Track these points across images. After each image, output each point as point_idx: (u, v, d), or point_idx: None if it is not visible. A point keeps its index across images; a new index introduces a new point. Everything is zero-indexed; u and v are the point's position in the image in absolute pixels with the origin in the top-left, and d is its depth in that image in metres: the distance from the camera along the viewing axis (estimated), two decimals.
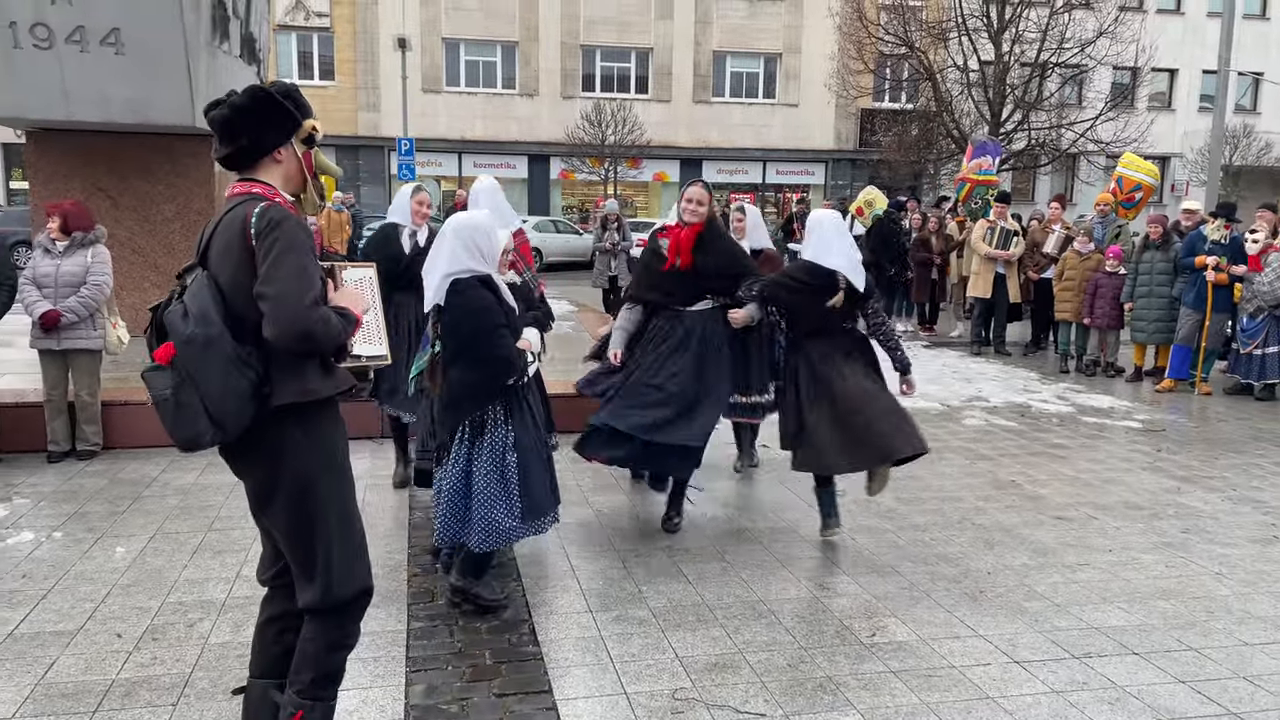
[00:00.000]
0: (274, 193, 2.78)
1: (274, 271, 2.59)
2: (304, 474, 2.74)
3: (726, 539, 5.31)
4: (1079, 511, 5.95)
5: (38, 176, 8.62)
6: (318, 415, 2.75)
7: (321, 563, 2.78)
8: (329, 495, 2.78)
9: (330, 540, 2.78)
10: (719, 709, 3.52)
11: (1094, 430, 8.22)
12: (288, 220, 2.66)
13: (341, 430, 2.87)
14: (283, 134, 2.81)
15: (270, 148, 2.79)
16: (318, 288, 2.65)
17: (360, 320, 2.82)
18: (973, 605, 4.49)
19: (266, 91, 2.78)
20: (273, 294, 2.57)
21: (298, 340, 2.59)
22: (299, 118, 2.83)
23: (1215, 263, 9.52)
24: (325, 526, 2.77)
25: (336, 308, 2.74)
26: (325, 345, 2.68)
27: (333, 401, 2.82)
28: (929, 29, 24.44)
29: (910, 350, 12.24)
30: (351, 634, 2.92)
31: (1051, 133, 23.90)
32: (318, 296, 2.63)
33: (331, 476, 2.79)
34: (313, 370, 2.72)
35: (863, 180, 28.22)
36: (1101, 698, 3.66)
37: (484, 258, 4.05)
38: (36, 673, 3.68)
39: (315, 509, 2.76)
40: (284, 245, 2.61)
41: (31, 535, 5.13)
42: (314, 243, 2.74)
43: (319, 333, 2.60)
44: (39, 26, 7.31)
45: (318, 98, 28.93)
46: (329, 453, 2.79)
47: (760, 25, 31.63)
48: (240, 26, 8.90)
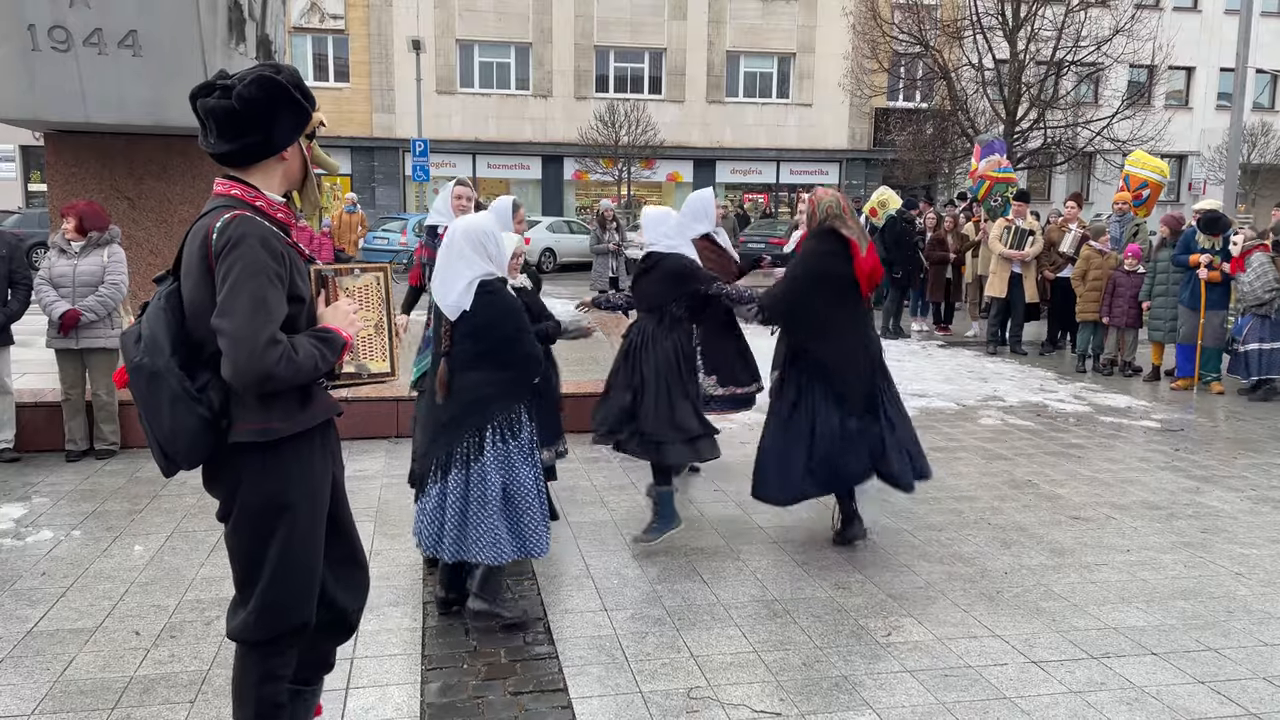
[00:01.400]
0: (254, 196, 2.53)
1: (230, 303, 2.35)
2: (256, 507, 2.53)
3: (741, 538, 5.30)
4: (1097, 511, 5.91)
5: (56, 178, 8.68)
6: (282, 450, 2.51)
7: (255, 596, 2.59)
8: (277, 534, 2.55)
9: (268, 578, 2.57)
10: (734, 708, 3.51)
11: (1111, 430, 8.17)
12: (249, 238, 2.39)
13: (321, 460, 2.63)
14: (294, 130, 2.56)
15: (282, 145, 2.55)
16: (277, 320, 2.38)
17: (349, 342, 2.57)
18: (989, 605, 4.46)
19: (279, 81, 2.49)
20: (229, 331, 2.33)
21: (256, 384, 2.37)
22: (310, 110, 2.59)
23: (1208, 260, 9.52)
24: (266, 563, 2.56)
25: (316, 333, 2.51)
26: (293, 383, 2.44)
27: (310, 433, 2.56)
28: (944, 27, 24.34)
29: (924, 349, 12.22)
30: (283, 667, 2.69)
31: (1067, 131, 23.77)
32: (275, 334, 2.36)
33: (288, 514, 2.55)
34: (282, 404, 2.48)
35: (877, 180, 28.16)
36: (1120, 698, 3.63)
37: (492, 260, 3.96)
38: (56, 669, 3.70)
39: (260, 544, 2.56)
40: (241, 271, 2.36)
41: (50, 534, 5.17)
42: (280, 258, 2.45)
43: (280, 374, 2.37)
44: (57, 29, 7.36)
45: (332, 99, 29.20)
46: (293, 490, 2.55)
47: (774, 25, 31.58)
48: (256, 28, 8.94)
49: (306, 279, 2.59)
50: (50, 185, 8.88)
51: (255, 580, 2.59)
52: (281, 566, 2.58)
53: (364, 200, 26.82)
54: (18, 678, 3.64)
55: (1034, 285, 11.83)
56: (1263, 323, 9.26)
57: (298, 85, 2.54)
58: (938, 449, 7.37)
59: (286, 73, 2.55)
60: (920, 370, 10.79)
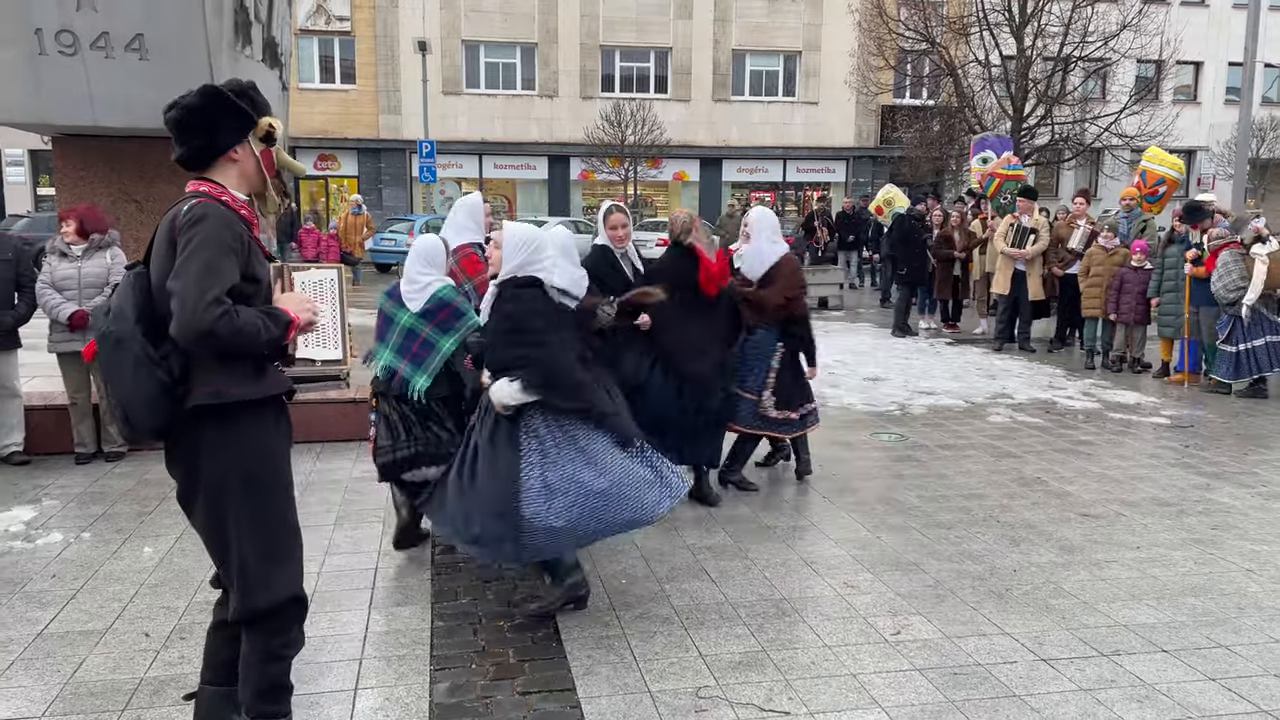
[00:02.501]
0: (221, 192, 2.73)
1: (182, 268, 2.56)
2: (218, 478, 2.68)
3: (749, 537, 5.30)
4: (1106, 508, 5.89)
5: (64, 182, 8.70)
6: (240, 418, 2.68)
7: (236, 571, 2.72)
8: (244, 502, 2.69)
9: (244, 548, 2.70)
10: (743, 707, 3.51)
11: (1121, 426, 8.13)
12: (210, 218, 2.61)
13: (277, 435, 2.78)
14: (237, 133, 2.77)
15: (225, 147, 2.76)
16: (222, 285, 2.56)
17: (296, 322, 2.72)
18: (999, 603, 4.45)
19: (218, 90, 2.74)
20: (178, 289, 2.54)
21: (197, 339, 2.54)
22: (253, 116, 2.78)
23: (1194, 256, 9.55)
24: (238, 534, 2.70)
25: (265, 309, 2.67)
26: (234, 345, 2.59)
27: (264, 404, 2.73)
28: (950, 24, 24.26)
29: (932, 347, 12.19)
30: (289, 644, 2.82)
31: (1075, 127, 23.67)
32: (219, 295, 2.54)
33: (250, 482, 2.70)
34: (235, 372, 2.65)
35: (884, 177, 28.10)
36: (1130, 695, 3.62)
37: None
38: (66, 671, 3.72)
39: (227, 515, 2.69)
40: (199, 241, 2.57)
41: (60, 536, 5.19)
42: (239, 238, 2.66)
43: (221, 331, 2.53)
44: (64, 33, 7.38)
45: (339, 101, 29.26)
46: (251, 458, 2.70)
47: (779, 23, 31.53)
48: (262, 30, 8.95)
49: (265, 267, 2.78)
50: (59, 189, 8.90)
51: (233, 558, 2.72)
52: (252, 538, 2.71)
53: (371, 202, 26.87)
54: (29, 680, 3.65)
55: (1039, 282, 11.79)
56: (1236, 322, 9.20)
57: (241, 93, 2.77)
58: (946, 446, 7.36)
59: (232, 84, 2.79)
60: (928, 368, 10.77)
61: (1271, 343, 9.15)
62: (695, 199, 31.80)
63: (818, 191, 31.81)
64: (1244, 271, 9.11)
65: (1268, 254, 9.06)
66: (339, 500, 5.79)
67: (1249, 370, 9.25)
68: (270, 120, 2.80)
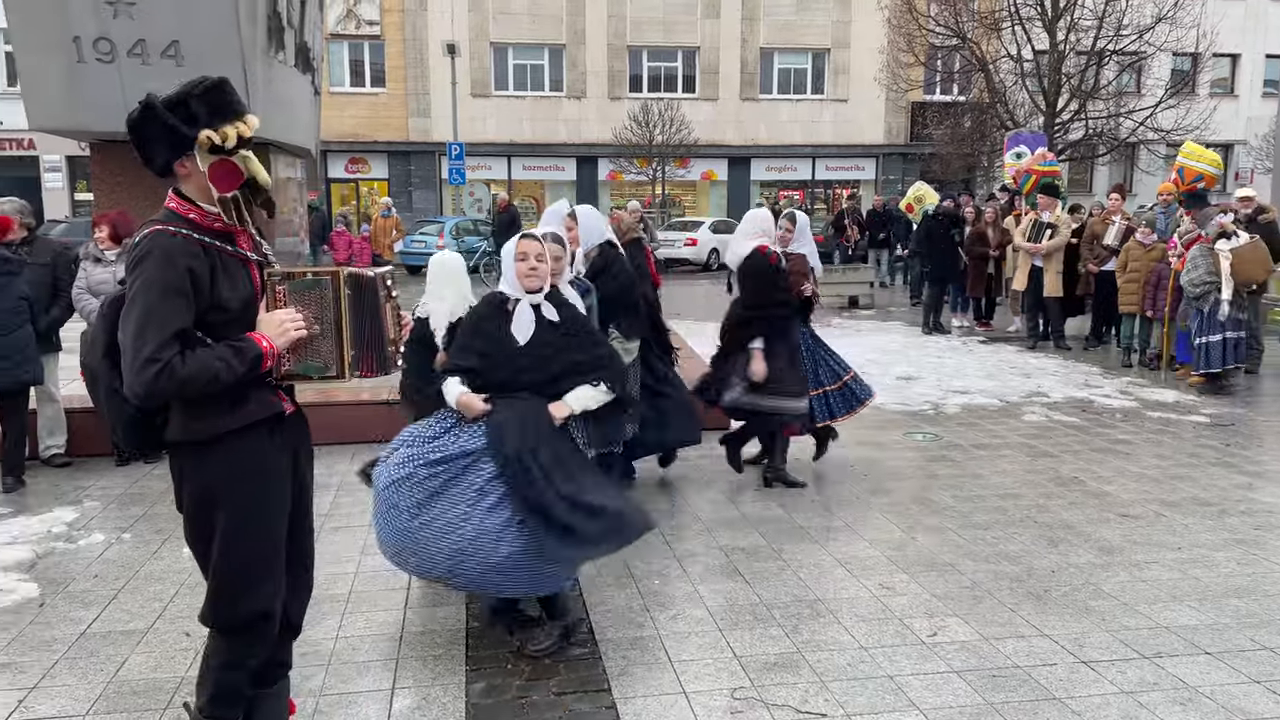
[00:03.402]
0: (188, 209, 2.63)
1: (124, 318, 2.50)
2: (197, 495, 2.69)
3: (783, 538, 5.27)
4: (1146, 508, 5.80)
5: (101, 187, 8.83)
6: (219, 445, 2.64)
7: (210, 581, 2.76)
8: (221, 524, 2.68)
9: (220, 565, 2.72)
10: (779, 708, 3.49)
11: (1159, 425, 8.02)
12: (152, 256, 2.50)
13: (265, 456, 2.71)
14: (170, 149, 2.60)
15: (161, 162, 2.62)
16: (160, 338, 2.44)
17: (268, 352, 2.60)
18: (1037, 604, 4.40)
19: (150, 105, 2.58)
20: (121, 346, 2.50)
21: (140, 399, 2.50)
22: (186, 133, 2.57)
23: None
24: (213, 552, 2.72)
25: (232, 341, 2.56)
26: (187, 394, 2.52)
27: (245, 430, 2.65)
28: (981, 19, 24.01)
29: (965, 345, 12.08)
30: (246, 656, 2.82)
31: (1109, 122, 23.36)
32: (154, 353, 2.43)
33: (228, 506, 2.67)
34: (204, 409, 2.59)
35: (914, 175, 27.89)
36: (1173, 698, 3.56)
37: None
38: (109, 670, 3.77)
39: (201, 536, 2.72)
40: (138, 288, 2.49)
41: (102, 537, 5.26)
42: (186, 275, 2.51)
43: (163, 389, 2.46)
44: (102, 41, 7.50)
45: (369, 104, 29.48)
46: (230, 483, 2.66)
47: (808, 21, 31.37)
48: (295, 36, 9.05)
49: (242, 284, 2.67)
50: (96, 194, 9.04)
51: (208, 571, 2.76)
52: (223, 558, 2.71)
53: (401, 204, 27.04)
54: (72, 678, 3.71)
55: (1056, 279, 11.66)
56: (1200, 315, 9.17)
57: (178, 103, 2.58)
58: (980, 446, 7.29)
59: (173, 95, 2.59)
60: (962, 366, 10.67)
61: (1230, 339, 9.11)
62: (723, 198, 31.74)
63: (847, 189, 31.59)
64: (1210, 266, 9.10)
65: (1230, 249, 9.03)
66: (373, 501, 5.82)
67: (1205, 363, 9.21)
68: (209, 133, 2.56)
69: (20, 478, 6.16)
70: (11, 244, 6.33)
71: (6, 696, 3.57)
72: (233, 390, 2.59)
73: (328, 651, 3.92)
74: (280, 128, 8.71)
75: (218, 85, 2.64)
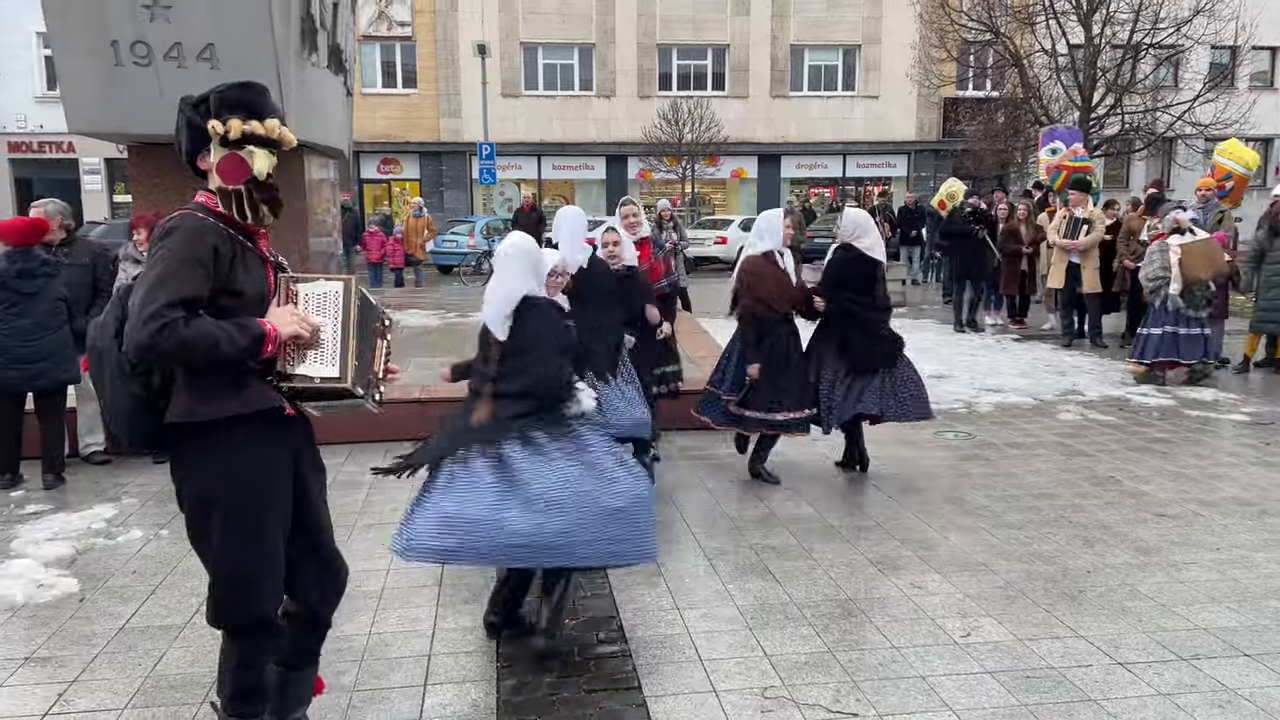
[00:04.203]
0: (215, 203, 2.71)
1: (141, 279, 2.55)
2: (196, 495, 2.69)
3: (813, 537, 5.25)
4: (1184, 508, 5.72)
5: (139, 189, 8.97)
6: (219, 438, 2.63)
7: (209, 581, 2.77)
8: (218, 522, 2.68)
9: (218, 563, 2.72)
10: (810, 708, 3.48)
11: (1198, 424, 7.89)
12: (179, 230, 2.59)
13: (264, 453, 2.71)
14: (190, 141, 2.72)
15: (186, 153, 2.75)
16: (169, 297, 2.47)
17: (272, 334, 2.62)
18: (1072, 605, 4.35)
19: (184, 98, 2.73)
20: (131, 302, 2.54)
21: (136, 353, 2.50)
22: (199, 123, 2.68)
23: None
24: (211, 551, 2.72)
25: (237, 320, 2.58)
26: (184, 358, 2.53)
27: (246, 421, 2.64)
28: (1015, 13, 23.75)
29: (999, 343, 11.95)
30: (256, 655, 2.82)
31: (1146, 116, 23.02)
32: (160, 309, 2.45)
33: (226, 504, 2.66)
34: (206, 389, 2.59)
35: (946, 171, 27.63)
36: (1211, 700, 3.51)
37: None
38: (147, 665, 3.83)
39: (203, 530, 2.72)
40: (159, 255, 2.55)
41: (140, 533, 5.34)
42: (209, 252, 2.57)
43: (162, 345, 2.46)
44: (139, 44, 7.62)
45: (401, 105, 29.68)
46: (228, 480, 2.65)
47: (838, 17, 31.19)
48: (328, 38, 9.14)
49: (258, 278, 2.72)
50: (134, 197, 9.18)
51: (208, 569, 2.76)
52: (221, 559, 2.71)
53: (432, 204, 27.21)
54: (111, 673, 3.77)
55: (1093, 275, 11.51)
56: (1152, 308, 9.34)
57: (200, 100, 2.70)
58: (1014, 445, 7.21)
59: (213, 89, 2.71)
60: (995, 365, 10.57)
61: (1172, 333, 9.22)
62: (753, 196, 31.63)
63: (878, 186, 31.40)
64: (1165, 262, 9.16)
65: (1179, 245, 9.13)
66: (405, 499, 5.85)
67: (1143, 352, 9.39)
68: (214, 123, 2.64)
69: (61, 475, 6.27)
70: (50, 245, 6.43)
71: (47, 690, 3.64)
72: (235, 374, 2.61)
73: (361, 647, 3.96)
74: (313, 129, 8.80)
75: (243, 85, 2.73)
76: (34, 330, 6.06)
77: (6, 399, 6.18)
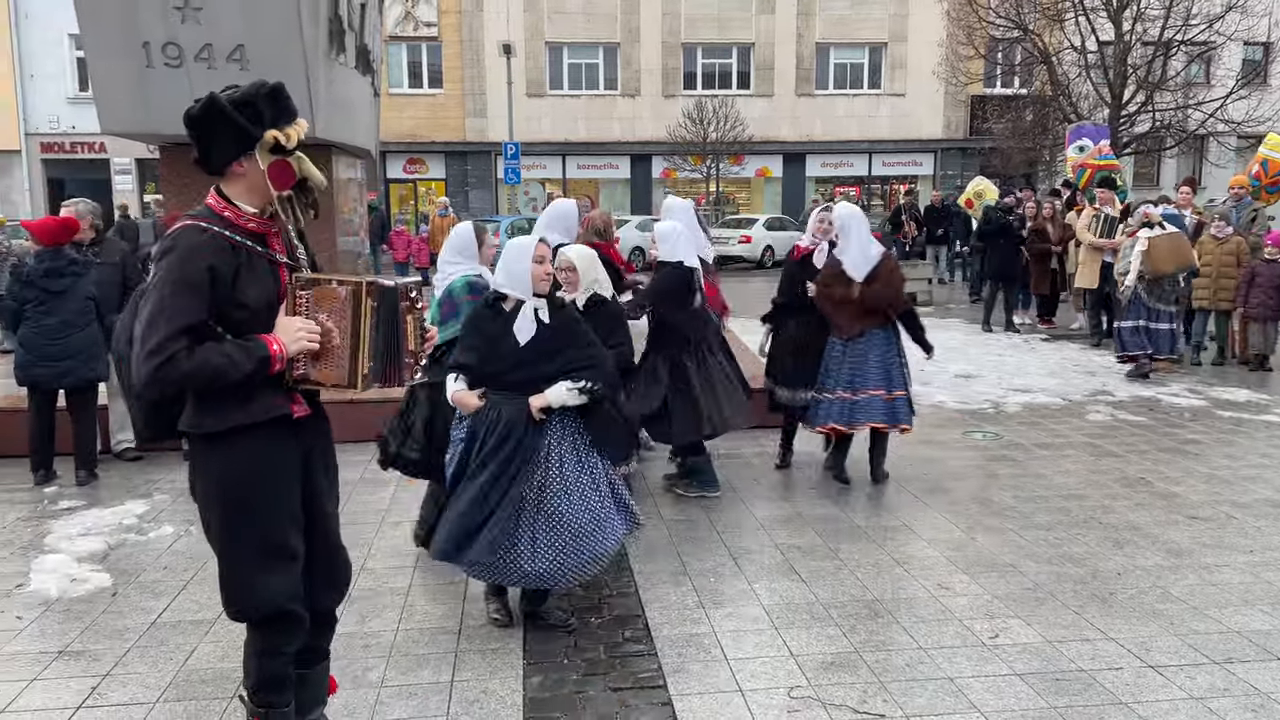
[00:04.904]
0: (224, 206, 2.68)
1: (139, 314, 2.56)
2: (206, 494, 2.75)
3: (840, 537, 5.23)
4: (1216, 510, 5.65)
5: (169, 190, 9.07)
6: (229, 442, 2.67)
7: (221, 576, 2.81)
8: (228, 520, 2.72)
9: (228, 560, 2.77)
10: (836, 708, 3.47)
11: (1230, 425, 7.79)
12: (177, 249, 2.57)
13: (274, 457, 2.73)
14: (233, 147, 2.64)
15: (220, 160, 2.66)
16: (168, 330, 2.49)
17: (276, 355, 2.61)
18: (1102, 607, 4.30)
19: (217, 102, 2.62)
20: (134, 331, 2.57)
21: (143, 388, 2.56)
22: (252, 132, 2.62)
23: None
24: (223, 546, 2.76)
25: (241, 340, 2.60)
26: (191, 387, 2.58)
27: (256, 428, 2.67)
28: (1043, 10, 23.53)
29: (1028, 343, 11.85)
30: (279, 645, 2.85)
31: (1177, 114, 22.74)
32: (160, 343, 2.48)
33: (236, 504, 2.70)
34: (214, 403, 2.63)
35: (973, 169, 27.42)
36: (1244, 705, 3.47)
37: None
38: (178, 659, 3.87)
39: (213, 527, 2.77)
40: (158, 279, 2.55)
41: (171, 529, 5.40)
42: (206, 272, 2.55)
43: (167, 378, 2.52)
44: (170, 46, 7.70)
45: (427, 105, 29.83)
46: (234, 483, 2.69)
47: (864, 15, 31.04)
48: (355, 38, 9.19)
49: (268, 285, 2.69)
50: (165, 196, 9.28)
51: (219, 565, 2.81)
52: (230, 555, 2.76)
53: (458, 204, 27.30)
54: (143, 666, 3.82)
55: None
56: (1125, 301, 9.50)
57: (245, 103, 2.62)
58: (1043, 445, 7.15)
59: (240, 93, 2.64)
60: (1023, 364, 10.47)
61: (1142, 326, 9.36)
62: (778, 195, 31.55)
63: (905, 185, 31.22)
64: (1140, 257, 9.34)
65: (1147, 239, 9.23)
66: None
67: (1119, 347, 9.61)
68: (275, 133, 2.63)
69: (93, 471, 6.35)
70: (80, 244, 6.52)
71: (81, 683, 3.69)
72: (243, 388, 2.62)
73: (388, 644, 3.99)
74: (341, 129, 8.86)
75: (278, 88, 2.70)
76: (61, 329, 6.15)
77: (38, 396, 6.28)
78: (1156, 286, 9.24)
